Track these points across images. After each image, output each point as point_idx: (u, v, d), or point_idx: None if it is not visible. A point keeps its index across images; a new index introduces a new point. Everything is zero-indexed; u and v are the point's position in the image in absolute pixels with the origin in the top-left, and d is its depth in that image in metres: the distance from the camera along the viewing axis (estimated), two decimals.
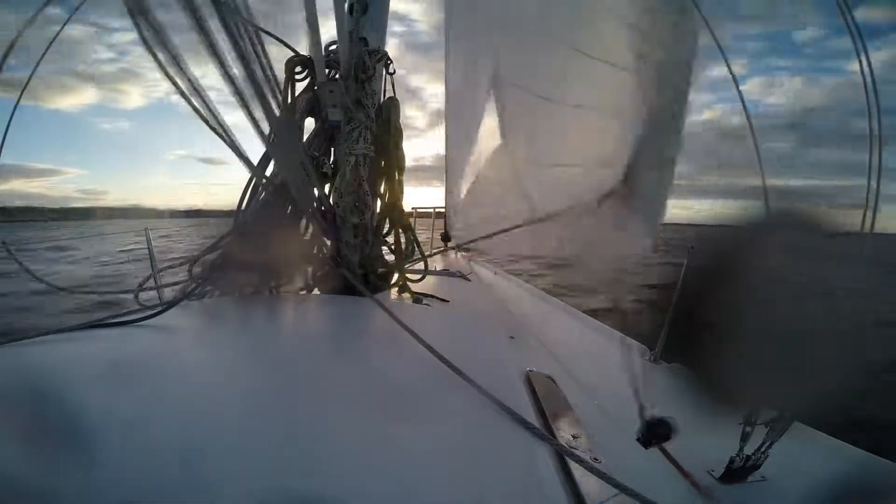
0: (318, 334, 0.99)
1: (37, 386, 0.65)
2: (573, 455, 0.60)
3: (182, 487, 0.44)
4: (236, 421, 0.58)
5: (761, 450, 1.10)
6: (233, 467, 0.48)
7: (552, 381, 0.91)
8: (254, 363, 0.79)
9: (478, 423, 0.65)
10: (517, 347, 1.28)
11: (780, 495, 1.14)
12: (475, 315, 1.33)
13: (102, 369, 0.74)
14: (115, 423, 0.55)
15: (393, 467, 0.52)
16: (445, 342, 0.82)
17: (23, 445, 0.49)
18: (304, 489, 0.47)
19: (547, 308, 3.22)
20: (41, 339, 0.83)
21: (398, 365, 0.81)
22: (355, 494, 0.47)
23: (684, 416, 1.07)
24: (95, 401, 0.60)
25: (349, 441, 0.56)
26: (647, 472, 0.90)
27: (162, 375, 0.70)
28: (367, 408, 0.64)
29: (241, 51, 0.70)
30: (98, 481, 0.44)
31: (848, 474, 1.25)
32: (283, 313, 1.14)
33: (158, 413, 0.58)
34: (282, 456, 0.51)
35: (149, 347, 0.84)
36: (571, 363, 1.47)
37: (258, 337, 0.95)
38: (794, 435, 1.07)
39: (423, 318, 1.12)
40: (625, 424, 1.14)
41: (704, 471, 1.19)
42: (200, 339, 0.92)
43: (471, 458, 0.57)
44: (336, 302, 1.22)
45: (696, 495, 1.08)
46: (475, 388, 0.70)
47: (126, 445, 0.50)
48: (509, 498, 0.51)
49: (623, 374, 1.89)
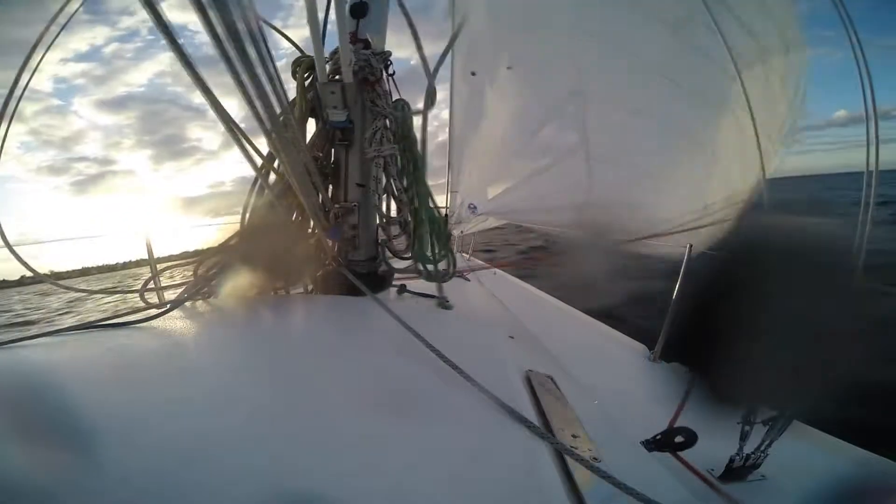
0: (320, 335, 0.99)
1: (39, 386, 0.65)
2: (573, 454, 0.60)
3: (184, 487, 0.44)
4: (239, 421, 0.58)
5: (761, 448, 1.11)
6: (236, 467, 0.49)
7: (552, 381, 0.91)
8: (257, 364, 0.79)
9: (478, 423, 0.65)
10: (517, 347, 1.28)
11: (779, 494, 1.14)
12: (475, 315, 1.33)
13: (105, 369, 0.74)
14: (117, 423, 0.55)
15: (395, 466, 0.53)
16: (446, 342, 0.82)
17: (24, 445, 0.49)
18: (307, 489, 0.47)
19: (547, 308, 3.23)
20: (42, 340, 0.83)
21: (400, 365, 0.82)
22: (359, 493, 0.48)
23: (684, 416, 1.07)
24: (98, 401, 0.61)
25: (352, 440, 0.56)
26: (646, 471, 0.90)
27: (165, 376, 0.71)
28: (370, 407, 0.64)
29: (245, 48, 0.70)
30: (100, 481, 0.44)
31: (847, 472, 1.25)
32: (286, 314, 1.14)
33: (161, 413, 0.58)
34: (285, 455, 0.52)
35: (152, 348, 0.84)
36: (571, 363, 1.48)
37: (261, 338, 0.96)
38: (793, 434, 1.08)
39: (423, 318, 1.13)
40: (625, 424, 1.15)
41: (705, 470, 1.19)
42: (204, 339, 0.92)
43: (472, 458, 0.57)
44: (338, 302, 1.22)
45: (696, 494, 1.09)
46: (476, 388, 0.71)
47: (128, 445, 0.50)
48: (510, 497, 0.51)
49: (623, 374, 1.90)
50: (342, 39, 1.15)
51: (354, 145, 1.34)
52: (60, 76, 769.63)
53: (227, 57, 0.69)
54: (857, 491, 0.88)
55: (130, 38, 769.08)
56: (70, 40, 35.47)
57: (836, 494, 0.87)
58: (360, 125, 1.33)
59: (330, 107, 1.25)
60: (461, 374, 0.73)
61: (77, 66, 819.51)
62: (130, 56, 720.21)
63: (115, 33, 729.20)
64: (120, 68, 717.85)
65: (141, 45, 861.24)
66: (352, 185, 1.37)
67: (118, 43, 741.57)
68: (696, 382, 0.81)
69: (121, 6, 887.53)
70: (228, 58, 0.69)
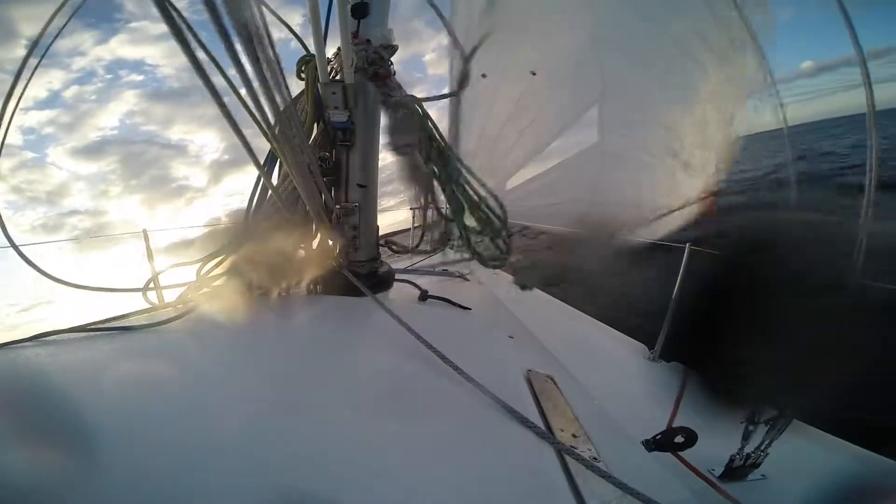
0: (322, 336, 0.99)
1: (40, 387, 0.65)
2: (573, 454, 0.60)
3: (189, 487, 0.45)
4: (242, 422, 0.58)
5: (761, 448, 1.11)
6: (241, 467, 0.49)
7: (552, 381, 0.91)
8: (259, 365, 0.80)
9: (480, 423, 0.66)
10: (517, 347, 1.28)
11: (780, 493, 1.14)
12: (475, 315, 1.33)
13: (106, 370, 0.74)
14: (119, 423, 0.55)
15: (399, 466, 0.53)
16: (446, 342, 0.82)
17: (25, 446, 0.49)
18: (311, 488, 0.47)
19: (547, 308, 3.23)
20: (43, 340, 0.83)
21: (401, 365, 0.82)
22: (366, 493, 0.48)
23: (685, 416, 1.07)
24: (100, 402, 0.61)
25: (357, 441, 0.57)
26: (646, 471, 0.90)
27: (166, 377, 0.71)
28: (373, 408, 0.64)
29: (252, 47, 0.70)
30: (103, 482, 0.44)
31: (847, 472, 1.26)
32: (288, 315, 1.14)
33: (163, 414, 0.58)
34: (289, 456, 0.52)
35: (153, 348, 0.84)
36: (571, 363, 1.48)
37: (263, 339, 0.96)
38: (793, 433, 1.08)
39: (424, 318, 1.13)
40: (624, 424, 1.15)
41: (705, 469, 1.19)
42: (205, 340, 0.92)
43: (476, 458, 0.57)
44: (340, 303, 1.22)
45: (696, 494, 1.09)
46: (477, 388, 0.71)
47: (131, 446, 0.50)
48: (511, 495, 0.52)
49: (623, 374, 1.90)
50: (344, 39, 1.15)
51: (356, 146, 1.34)
52: (28, 126, 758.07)
53: (235, 55, 0.69)
54: (858, 490, 0.88)
55: (88, 79, 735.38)
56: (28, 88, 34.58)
57: (836, 494, 0.87)
58: (363, 125, 1.33)
59: (331, 107, 1.25)
60: (462, 374, 0.74)
61: (41, 113, 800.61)
62: (94, 98, 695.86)
63: (71, 76, 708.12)
64: (86, 112, 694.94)
65: (101, 85, 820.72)
66: (353, 186, 1.37)
67: (77, 86, 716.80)
68: (695, 381, 0.81)
69: (69, 47, 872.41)
70: (236, 56, 0.69)
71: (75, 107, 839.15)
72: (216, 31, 0.61)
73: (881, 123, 1.20)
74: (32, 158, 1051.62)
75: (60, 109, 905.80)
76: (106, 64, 33.18)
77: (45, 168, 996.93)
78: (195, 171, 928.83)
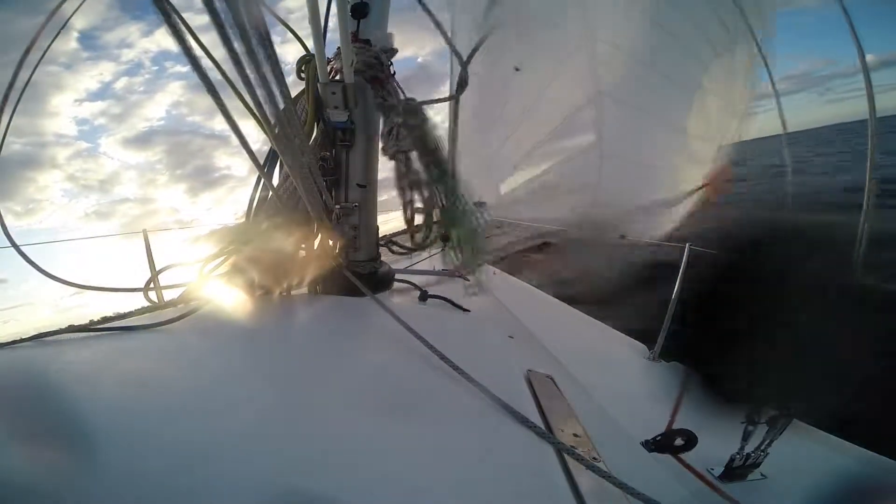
0: (322, 336, 1.00)
1: (41, 387, 0.65)
2: (573, 453, 0.60)
3: (189, 488, 0.45)
4: (243, 423, 0.58)
5: (761, 448, 1.11)
6: (242, 468, 0.49)
7: (552, 381, 0.91)
8: (259, 365, 0.80)
9: (481, 423, 0.66)
10: (517, 347, 1.29)
11: (780, 493, 1.14)
12: (475, 315, 1.34)
13: (106, 370, 0.74)
14: (120, 424, 0.55)
15: (400, 467, 0.53)
16: (446, 342, 0.82)
17: (25, 446, 0.49)
18: (311, 489, 0.47)
19: (546, 308, 3.23)
20: (43, 340, 0.83)
21: (402, 365, 0.82)
22: (366, 494, 0.48)
23: (685, 415, 1.07)
24: (100, 402, 0.61)
25: (357, 441, 0.57)
26: (646, 470, 0.91)
27: (167, 377, 0.71)
28: (373, 408, 0.64)
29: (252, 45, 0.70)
30: (103, 483, 0.44)
31: (847, 472, 1.26)
32: (288, 315, 1.14)
33: (164, 415, 0.58)
34: (290, 457, 0.52)
35: (153, 348, 0.84)
36: (571, 363, 1.48)
37: (263, 339, 0.96)
38: (793, 433, 1.08)
39: (424, 318, 1.13)
40: (624, 424, 1.15)
41: (705, 469, 1.19)
42: (206, 340, 0.93)
43: (476, 458, 0.57)
44: (340, 303, 1.23)
45: (696, 494, 1.09)
46: (477, 388, 0.71)
47: (132, 447, 0.50)
48: (511, 495, 0.52)
49: (623, 374, 1.90)
50: (343, 40, 1.15)
51: (356, 146, 1.34)
52: (81, 117, 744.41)
53: (235, 55, 0.69)
54: (858, 490, 0.88)
55: (136, 71, 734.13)
56: (79, 80, 34.17)
57: (837, 494, 0.87)
58: (363, 125, 1.33)
59: (331, 107, 1.25)
60: (462, 374, 0.74)
61: (93, 105, 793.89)
62: (142, 90, 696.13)
63: (121, 67, 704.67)
64: (135, 103, 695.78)
65: (148, 76, 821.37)
66: (352, 186, 1.37)
67: (126, 77, 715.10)
68: (695, 381, 0.81)
69: (117, 39, 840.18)
70: (236, 55, 0.69)
71: (125, 98, 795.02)
72: (216, 31, 0.61)
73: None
74: (86, 148, 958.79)
75: (111, 101, 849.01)
76: (152, 56, 33.46)
77: (97, 157, 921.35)
78: (237, 161, 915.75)
